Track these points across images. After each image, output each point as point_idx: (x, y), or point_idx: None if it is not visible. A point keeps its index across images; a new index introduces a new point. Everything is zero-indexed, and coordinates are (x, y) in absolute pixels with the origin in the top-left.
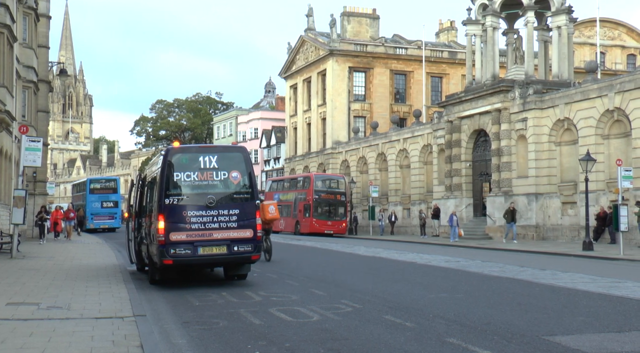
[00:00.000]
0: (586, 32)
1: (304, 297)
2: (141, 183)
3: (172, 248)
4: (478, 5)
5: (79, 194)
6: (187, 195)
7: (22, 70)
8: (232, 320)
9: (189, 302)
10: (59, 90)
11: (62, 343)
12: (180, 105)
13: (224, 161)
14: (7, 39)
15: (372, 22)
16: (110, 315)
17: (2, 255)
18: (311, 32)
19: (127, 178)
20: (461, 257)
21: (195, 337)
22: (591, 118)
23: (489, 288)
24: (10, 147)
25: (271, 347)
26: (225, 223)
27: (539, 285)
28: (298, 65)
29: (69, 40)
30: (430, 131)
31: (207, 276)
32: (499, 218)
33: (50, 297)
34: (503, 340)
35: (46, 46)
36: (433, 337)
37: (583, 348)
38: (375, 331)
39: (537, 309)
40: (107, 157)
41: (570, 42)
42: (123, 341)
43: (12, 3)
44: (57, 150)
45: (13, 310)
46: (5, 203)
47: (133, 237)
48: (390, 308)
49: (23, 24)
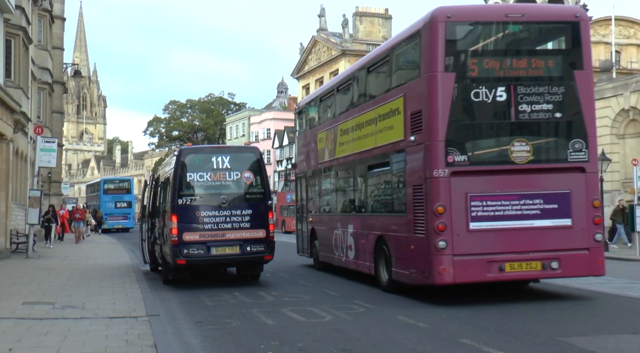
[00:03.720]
0: (601, 30)
1: (316, 297)
2: (154, 183)
3: (185, 249)
4: (490, 3)
5: (93, 194)
6: (200, 195)
7: (37, 72)
8: (244, 320)
9: (202, 302)
10: (74, 92)
11: (77, 343)
12: (193, 105)
13: (237, 161)
14: (23, 41)
15: (385, 22)
16: (124, 315)
17: (18, 254)
18: (323, 33)
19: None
20: None
21: (208, 336)
22: (606, 117)
23: (503, 289)
24: (25, 147)
25: (284, 347)
26: (238, 224)
27: (553, 286)
28: (310, 65)
29: (83, 42)
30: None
31: (220, 276)
32: None
33: (65, 296)
34: (517, 341)
35: (61, 48)
36: (446, 337)
37: (598, 350)
38: (388, 331)
39: (551, 310)
40: (120, 157)
41: None
42: (137, 340)
43: (27, 5)
44: (71, 151)
45: (29, 309)
46: (20, 203)
47: (146, 237)
48: (402, 309)
49: (38, 26)
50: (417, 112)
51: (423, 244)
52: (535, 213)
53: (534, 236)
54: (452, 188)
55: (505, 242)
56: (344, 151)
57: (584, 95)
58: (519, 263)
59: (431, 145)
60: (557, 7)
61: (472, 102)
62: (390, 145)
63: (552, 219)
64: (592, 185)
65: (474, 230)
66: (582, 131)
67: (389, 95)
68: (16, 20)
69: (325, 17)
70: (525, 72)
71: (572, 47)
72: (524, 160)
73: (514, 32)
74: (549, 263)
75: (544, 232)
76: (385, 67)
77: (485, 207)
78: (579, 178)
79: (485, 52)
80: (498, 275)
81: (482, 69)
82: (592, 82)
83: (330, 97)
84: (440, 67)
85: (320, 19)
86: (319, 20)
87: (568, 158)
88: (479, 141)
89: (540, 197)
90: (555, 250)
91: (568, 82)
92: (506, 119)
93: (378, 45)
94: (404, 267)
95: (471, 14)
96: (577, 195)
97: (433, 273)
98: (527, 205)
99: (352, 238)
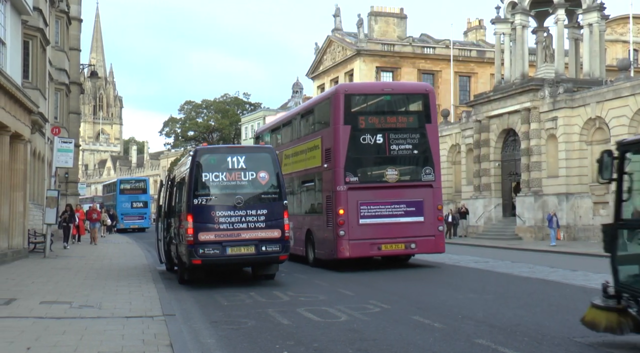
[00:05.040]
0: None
1: (332, 297)
2: (170, 183)
3: (200, 248)
4: (507, 3)
5: (110, 194)
6: (215, 195)
7: (54, 73)
8: (260, 320)
9: (218, 302)
10: (90, 92)
11: (94, 342)
12: (209, 106)
13: (252, 161)
14: (41, 42)
15: (400, 21)
16: (140, 314)
17: (36, 254)
18: (338, 32)
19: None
20: (490, 258)
21: (224, 336)
22: (624, 117)
23: (519, 289)
24: (43, 148)
25: (299, 347)
26: (253, 224)
27: (570, 286)
28: (325, 65)
29: (100, 43)
30: (459, 131)
31: (236, 276)
32: (529, 219)
33: (82, 296)
34: (534, 341)
35: (77, 49)
36: (462, 337)
37: (616, 352)
38: (403, 331)
39: (569, 310)
40: (136, 157)
41: (602, 40)
42: (153, 340)
43: (45, 7)
44: (88, 151)
45: (47, 308)
46: (38, 203)
47: (162, 237)
48: (418, 309)
49: (55, 27)
50: (328, 148)
51: (331, 233)
52: (401, 213)
53: (400, 228)
54: (349, 198)
55: (381, 231)
56: (286, 170)
57: (432, 140)
58: (391, 244)
59: (336, 171)
60: (414, 84)
61: (361, 143)
62: (314, 168)
63: (411, 217)
64: (437, 196)
65: (362, 224)
66: (431, 162)
67: (313, 135)
68: (34, 21)
69: (340, 17)
70: (395, 125)
71: (423, 109)
72: (394, 180)
73: (387, 100)
74: (409, 244)
75: (406, 225)
76: (311, 117)
77: (369, 210)
78: (428, 192)
79: (369, 112)
80: (377, 252)
81: (367, 123)
82: (437, 131)
83: (279, 129)
84: (341, 122)
85: (335, 18)
86: (334, 20)
87: (422, 179)
88: (365, 168)
89: (404, 203)
90: (413, 236)
91: (421, 131)
92: (382, 154)
93: (393, 46)
94: (321, 249)
95: (361, 88)
96: (427, 202)
97: (337, 252)
98: (395, 208)
99: (292, 231)
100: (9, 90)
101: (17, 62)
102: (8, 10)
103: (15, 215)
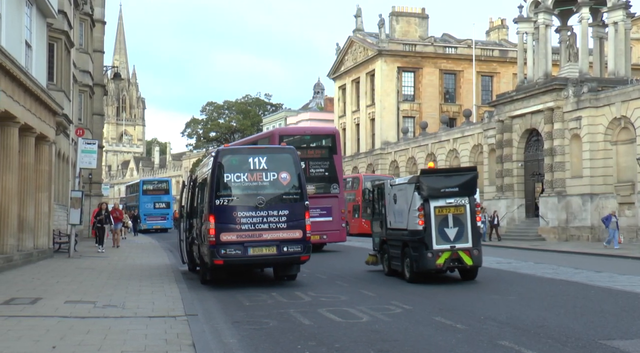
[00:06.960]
0: None
1: (353, 298)
2: (192, 184)
3: (222, 249)
4: (530, 2)
5: (133, 195)
6: (237, 196)
7: (78, 75)
8: (281, 320)
9: (240, 302)
10: (113, 94)
11: (117, 341)
12: (230, 107)
13: (274, 162)
14: (65, 44)
15: (421, 21)
16: (163, 314)
17: (61, 254)
18: (359, 33)
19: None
20: (512, 259)
21: (246, 336)
22: None
23: (543, 291)
24: (67, 149)
25: (321, 347)
26: (274, 224)
27: (595, 287)
28: (347, 65)
29: (123, 45)
30: (481, 131)
31: (257, 276)
32: (552, 219)
33: (106, 295)
34: (557, 343)
35: (101, 51)
36: (485, 339)
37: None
38: (425, 332)
39: (594, 312)
40: (159, 158)
41: (627, 38)
42: (175, 340)
43: (69, 10)
44: (111, 152)
45: (71, 308)
46: (62, 204)
47: (184, 237)
48: (440, 310)
49: (79, 29)
50: None
51: None
52: (319, 215)
53: (317, 224)
54: None
55: None
56: None
57: (337, 166)
58: (313, 235)
59: None
60: (326, 127)
61: None
62: None
63: (325, 217)
64: (341, 203)
65: None
66: (337, 180)
67: None
68: (58, 24)
69: (361, 17)
70: (313, 155)
71: (331, 144)
72: (312, 192)
73: (307, 138)
74: (322, 235)
75: (321, 222)
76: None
77: None
78: (335, 200)
79: (296, 147)
80: None
81: None
82: (342, 160)
83: None
84: None
85: (356, 19)
86: (356, 21)
87: (331, 192)
88: None
89: (320, 208)
90: (325, 230)
91: (331, 160)
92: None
93: (414, 46)
94: None
95: (290, 131)
96: (335, 208)
97: None
98: (316, 211)
99: None
100: (35, 92)
101: (42, 65)
102: (34, 14)
103: (40, 215)
